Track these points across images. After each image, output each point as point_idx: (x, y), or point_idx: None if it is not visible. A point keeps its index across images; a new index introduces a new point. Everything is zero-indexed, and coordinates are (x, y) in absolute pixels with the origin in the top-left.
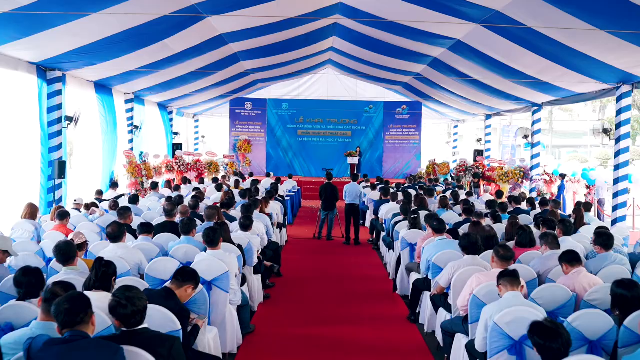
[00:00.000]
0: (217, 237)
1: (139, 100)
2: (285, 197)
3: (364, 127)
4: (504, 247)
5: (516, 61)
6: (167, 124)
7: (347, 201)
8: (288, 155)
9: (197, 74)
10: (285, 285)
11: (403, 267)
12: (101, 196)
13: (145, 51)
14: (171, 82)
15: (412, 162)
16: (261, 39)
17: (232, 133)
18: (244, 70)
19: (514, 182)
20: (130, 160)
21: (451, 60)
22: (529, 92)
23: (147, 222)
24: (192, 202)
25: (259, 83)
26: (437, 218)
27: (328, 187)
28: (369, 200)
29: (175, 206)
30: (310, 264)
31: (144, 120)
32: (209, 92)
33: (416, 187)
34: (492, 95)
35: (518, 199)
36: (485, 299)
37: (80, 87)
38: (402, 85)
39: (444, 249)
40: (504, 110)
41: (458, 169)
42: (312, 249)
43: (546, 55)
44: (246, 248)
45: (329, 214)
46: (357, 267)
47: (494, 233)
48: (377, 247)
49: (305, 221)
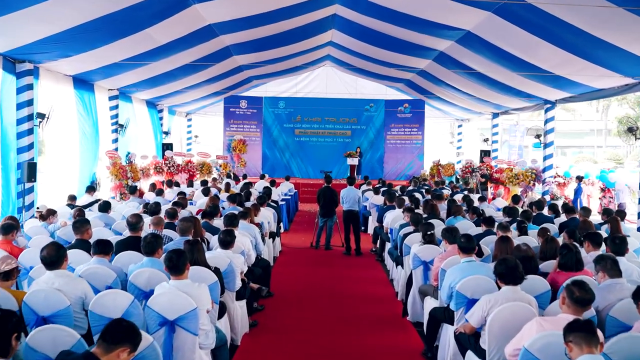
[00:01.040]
0: (181, 262)
1: (125, 97)
2: (281, 202)
3: (364, 126)
4: (581, 285)
5: (531, 54)
6: (156, 123)
7: (344, 207)
8: (285, 155)
9: (187, 69)
10: (276, 308)
11: (415, 289)
12: (74, 202)
13: (126, 42)
14: (159, 77)
15: (415, 163)
16: (255, 31)
17: (227, 132)
18: (238, 66)
19: (524, 184)
20: (114, 162)
21: (459, 54)
22: (542, 89)
23: (104, 239)
24: (170, 211)
25: (254, 80)
26: (464, 234)
27: (327, 191)
28: (371, 205)
29: (141, 218)
30: (306, 280)
31: (130, 118)
32: (201, 90)
33: (421, 191)
34: (501, 92)
35: (540, 204)
36: (541, 354)
37: (55, 81)
38: (404, 82)
39: (472, 273)
40: (512, 109)
41: (464, 170)
42: (308, 261)
43: (566, 46)
44: (225, 271)
45: (327, 221)
46: (360, 283)
47: (532, 253)
48: (382, 258)
49: (302, 227)
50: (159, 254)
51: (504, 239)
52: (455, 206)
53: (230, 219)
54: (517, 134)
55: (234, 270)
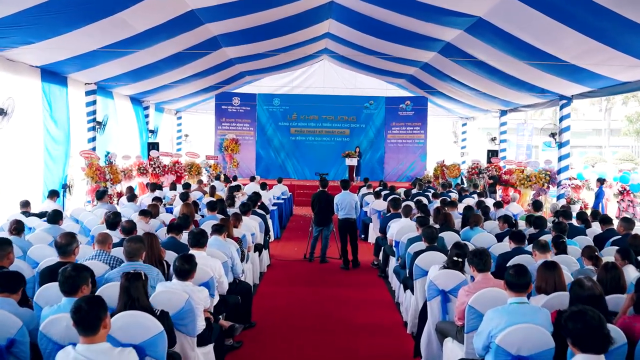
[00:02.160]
0: (93, 317)
1: (105, 92)
2: (272, 207)
3: (364, 124)
4: None
5: (550, 42)
6: (141, 121)
7: (340, 215)
8: (280, 156)
9: (171, 61)
10: (256, 344)
11: (432, 324)
12: (28, 208)
13: (97, 28)
14: (141, 70)
15: (417, 164)
16: (244, 19)
17: (218, 131)
18: (228, 59)
19: (538, 187)
20: (90, 162)
21: (467, 44)
22: (559, 83)
23: (9, 271)
24: (126, 225)
25: (247, 76)
26: (516, 265)
27: (322, 197)
28: (372, 210)
29: (74, 238)
30: (296, 302)
31: (110, 115)
32: (190, 85)
33: (427, 194)
34: (511, 87)
35: (568, 214)
36: None
37: (17, 72)
38: (406, 78)
39: (522, 320)
40: (522, 105)
41: (470, 172)
42: (300, 278)
43: (592, 32)
44: (182, 311)
45: (323, 230)
46: (360, 307)
47: (599, 291)
48: (385, 274)
49: (295, 235)
50: (83, 291)
51: (549, 266)
52: (475, 215)
53: (196, 237)
54: (525, 133)
55: (194, 310)
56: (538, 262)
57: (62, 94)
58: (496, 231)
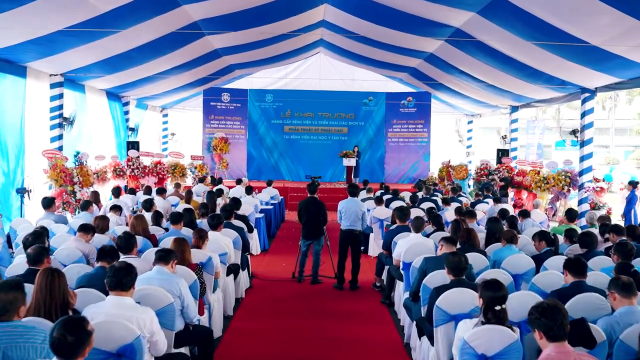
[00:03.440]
0: None
1: (75, 86)
2: (258, 215)
3: (363, 122)
4: None
5: (580, 22)
6: (118, 118)
7: (343, 226)
8: (273, 156)
9: (148, 50)
10: None
11: None
12: None
13: (50, 6)
14: (115, 61)
15: (420, 164)
16: (226, 1)
17: (206, 130)
18: (213, 50)
19: (557, 190)
20: (54, 163)
21: (479, 30)
22: (582, 73)
23: None
24: (31, 252)
25: (237, 70)
26: None
27: (311, 205)
28: (373, 219)
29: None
30: (275, 347)
31: (80, 111)
32: (174, 79)
33: (434, 199)
34: (527, 79)
35: (620, 229)
36: None
37: None
38: (409, 71)
39: None
40: (536, 100)
41: (479, 173)
42: (285, 305)
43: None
44: None
45: (312, 245)
46: (359, 352)
47: None
48: (390, 302)
49: (285, 246)
50: None
51: None
52: (508, 231)
53: (117, 275)
54: (536, 131)
55: None
56: (620, 310)
57: (16, 85)
58: (530, 250)
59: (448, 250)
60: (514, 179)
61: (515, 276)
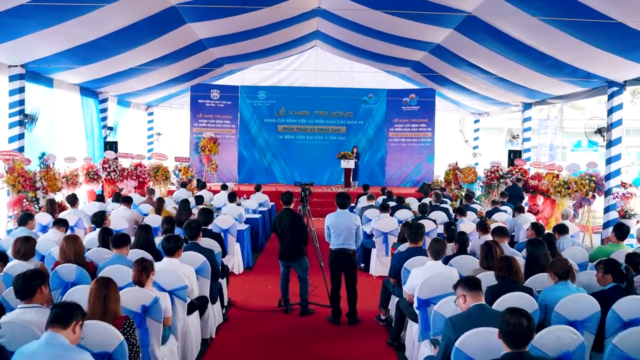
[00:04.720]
0: None
1: (40, 79)
2: (242, 226)
3: (362, 121)
4: None
5: None
6: (92, 116)
7: (333, 245)
8: (266, 157)
9: (121, 38)
10: None
11: None
12: None
13: None
14: (85, 50)
15: (424, 166)
16: None
17: (194, 129)
18: (197, 40)
19: (579, 196)
20: (12, 166)
21: (495, 14)
22: (612, 63)
23: None
24: None
25: (226, 64)
26: None
27: (285, 218)
28: (376, 232)
29: None
30: None
31: (48, 108)
32: (157, 74)
33: (444, 206)
34: (544, 72)
35: None
36: None
37: None
38: (411, 65)
39: None
40: (554, 97)
41: (489, 176)
42: (266, 347)
43: None
44: None
45: (293, 268)
46: None
47: None
48: (399, 344)
49: (273, 262)
50: None
51: None
52: (561, 260)
53: None
54: (549, 131)
55: None
56: None
57: None
58: (593, 285)
59: (474, 302)
60: (529, 182)
61: (574, 323)
